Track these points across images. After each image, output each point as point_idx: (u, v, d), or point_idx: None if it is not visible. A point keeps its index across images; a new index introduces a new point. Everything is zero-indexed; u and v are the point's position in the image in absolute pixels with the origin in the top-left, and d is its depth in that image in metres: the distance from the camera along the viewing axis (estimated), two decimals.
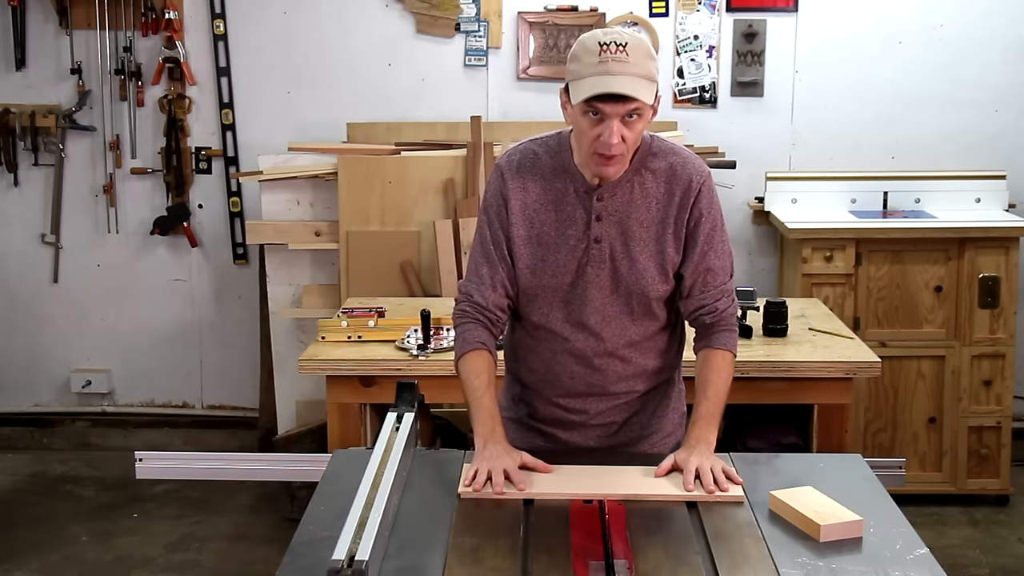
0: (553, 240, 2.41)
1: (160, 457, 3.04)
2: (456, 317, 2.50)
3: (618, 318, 2.42)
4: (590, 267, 2.39)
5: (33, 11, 4.87)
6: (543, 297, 2.44)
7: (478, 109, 4.72)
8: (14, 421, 5.18)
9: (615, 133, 2.22)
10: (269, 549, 4.11)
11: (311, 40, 4.84)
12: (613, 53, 2.19)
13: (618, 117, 2.22)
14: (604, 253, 2.39)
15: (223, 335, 5.09)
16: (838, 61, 4.77)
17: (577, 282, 2.41)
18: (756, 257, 4.90)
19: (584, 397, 2.48)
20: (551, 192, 2.41)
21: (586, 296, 2.41)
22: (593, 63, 2.21)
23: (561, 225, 2.40)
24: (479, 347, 2.43)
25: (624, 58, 2.19)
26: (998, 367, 4.39)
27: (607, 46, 2.20)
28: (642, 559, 1.95)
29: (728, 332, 2.46)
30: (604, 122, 2.23)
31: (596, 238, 2.38)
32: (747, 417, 3.45)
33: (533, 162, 2.42)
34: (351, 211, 4.48)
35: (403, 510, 2.14)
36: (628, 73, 2.19)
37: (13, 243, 5.06)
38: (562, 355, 2.46)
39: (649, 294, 2.40)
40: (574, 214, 2.39)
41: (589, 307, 2.41)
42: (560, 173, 2.40)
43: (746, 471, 2.32)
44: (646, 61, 2.23)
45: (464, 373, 2.43)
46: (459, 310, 2.49)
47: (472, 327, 2.46)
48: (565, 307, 2.43)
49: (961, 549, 4.14)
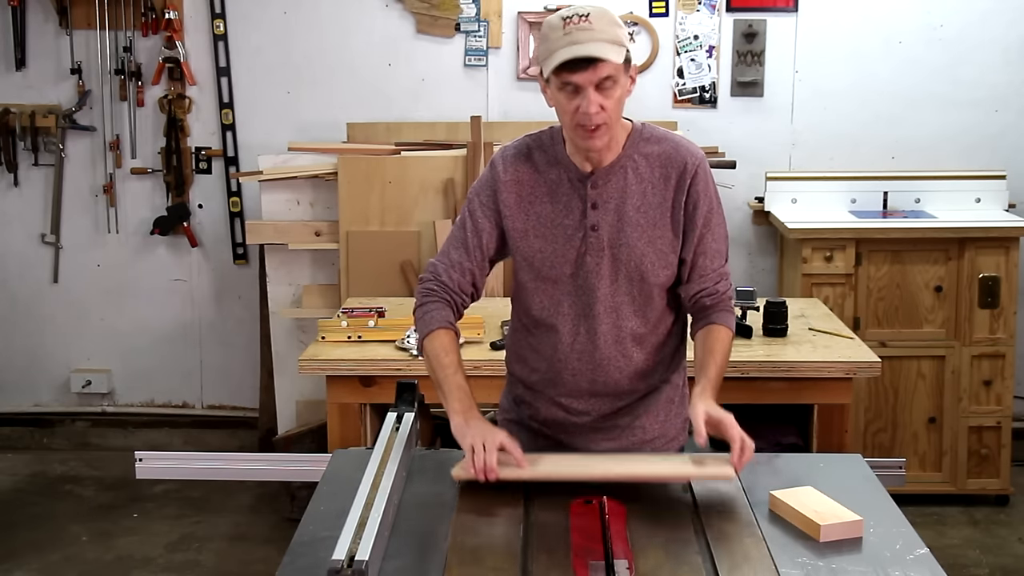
0: (550, 231, 2.41)
1: (160, 457, 3.05)
2: (421, 295, 2.47)
3: (621, 308, 2.42)
4: (589, 256, 2.39)
5: (33, 11, 4.87)
6: (544, 290, 2.44)
7: (478, 109, 4.72)
8: (14, 421, 5.18)
9: (592, 101, 2.23)
10: (269, 549, 4.11)
11: (311, 40, 4.84)
12: (577, 24, 2.23)
13: (592, 85, 2.23)
14: (602, 241, 2.38)
15: (223, 335, 5.09)
16: (838, 61, 4.77)
17: (578, 272, 2.40)
18: (756, 257, 4.90)
19: (587, 396, 2.47)
20: (545, 184, 2.41)
21: (588, 286, 2.40)
22: (559, 36, 2.24)
23: (557, 215, 2.40)
24: (447, 326, 2.43)
25: (588, 26, 2.22)
26: (998, 367, 4.39)
27: (569, 19, 2.24)
28: (642, 559, 1.95)
29: (728, 312, 2.48)
30: (580, 93, 2.24)
31: (593, 226, 2.38)
32: (747, 417, 3.43)
33: (527, 155, 2.43)
34: (351, 211, 4.48)
35: (403, 510, 2.14)
36: (593, 39, 2.21)
37: (13, 243, 5.06)
38: (564, 351, 2.45)
39: (649, 280, 2.40)
40: (569, 203, 2.40)
41: (592, 297, 2.41)
42: (554, 164, 2.41)
43: (746, 471, 2.31)
44: (612, 27, 2.25)
45: (432, 350, 2.40)
46: (425, 288, 2.47)
47: (438, 306, 2.44)
48: (567, 299, 2.43)
49: (961, 549, 4.14)
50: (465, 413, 2.30)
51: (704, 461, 2.25)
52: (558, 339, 2.45)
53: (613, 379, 2.46)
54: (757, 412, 3.41)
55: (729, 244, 2.50)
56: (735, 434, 2.21)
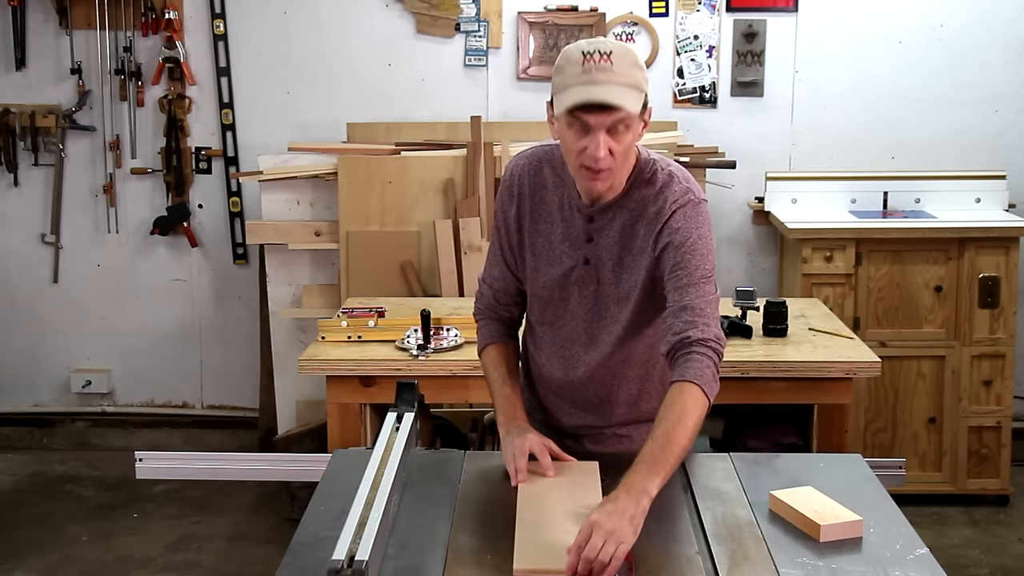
0: (546, 251, 2.40)
1: (160, 457, 3.04)
2: (475, 316, 2.59)
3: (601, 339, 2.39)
4: (577, 287, 2.38)
5: (33, 11, 4.87)
6: (538, 306, 2.45)
7: (478, 109, 4.72)
8: (14, 421, 5.18)
9: (601, 145, 2.15)
10: (269, 549, 4.11)
11: (311, 40, 4.84)
12: (597, 62, 2.12)
13: (603, 128, 2.14)
14: (592, 275, 2.36)
15: (223, 335, 5.09)
16: (838, 61, 4.77)
17: (566, 298, 2.39)
18: (756, 257, 4.90)
19: (593, 410, 2.47)
20: (549, 204, 2.39)
21: (571, 314, 2.40)
22: (576, 73, 2.13)
23: (555, 238, 2.39)
24: (494, 341, 2.51)
25: (608, 67, 2.12)
26: (998, 367, 4.39)
27: (591, 55, 2.13)
28: (642, 559, 1.95)
29: (694, 362, 2.16)
30: (590, 134, 2.15)
31: (586, 259, 2.36)
32: (747, 417, 3.45)
33: (538, 169, 2.40)
34: (351, 211, 4.48)
35: (403, 510, 2.14)
36: (612, 82, 2.12)
37: (13, 243, 5.06)
38: (561, 372, 2.45)
39: (633, 320, 2.35)
40: (568, 230, 2.37)
41: (578, 324, 2.39)
42: (560, 185, 2.38)
43: (746, 471, 2.32)
44: (632, 70, 2.15)
45: (485, 367, 2.51)
46: (476, 308, 2.58)
47: (488, 323, 2.54)
48: (557, 320, 2.42)
49: (961, 549, 4.14)
50: (507, 424, 2.36)
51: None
52: (555, 360, 2.46)
53: (603, 403, 2.45)
54: (757, 412, 3.42)
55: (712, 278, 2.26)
56: (585, 528, 1.90)
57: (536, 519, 2.07)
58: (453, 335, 3.36)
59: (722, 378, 2.24)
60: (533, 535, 2.01)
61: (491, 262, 2.51)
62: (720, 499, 2.21)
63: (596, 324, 2.39)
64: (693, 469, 2.33)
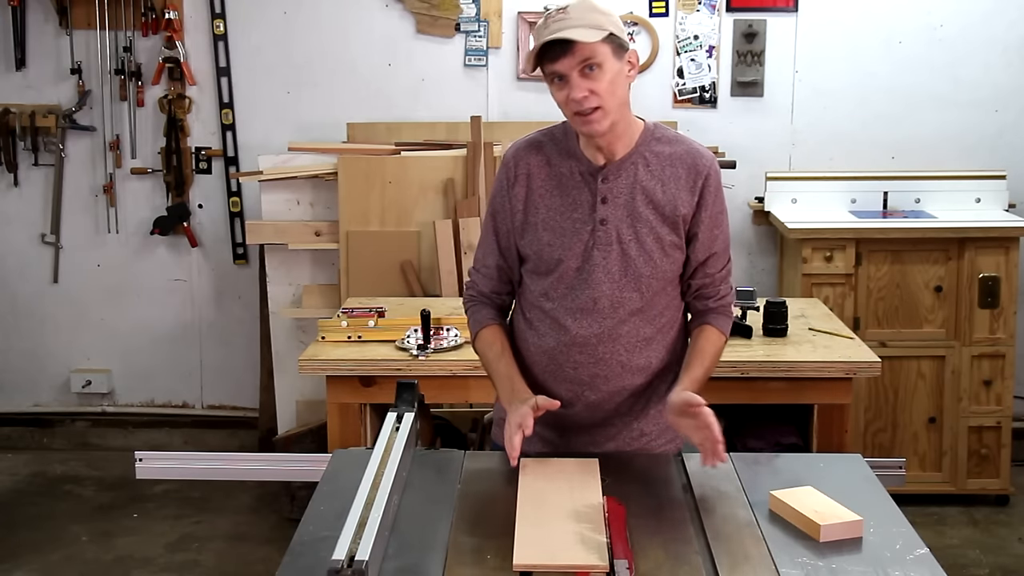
0: (559, 224, 2.42)
1: (160, 457, 3.05)
2: (465, 302, 2.62)
3: (625, 304, 2.41)
4: (597, 250, 2.40)
5: (33, 11, 4.87)
6: (550, 283, 2.44)
7: (478, 109, 4.72)
8: (14, 421, 5.18)
9: (577, 87, 2.25)
10: (269, 549, 4.11)
11: (311, 40, 4.84)
12: (554, 16, 2.27)
13: (574, 70, 2.25)
14: (611, 235, 2.39)
15: (223, 335, 5.09)
16: (838, 61, 4.77)
17: (584, 266, 2.40)
18: (756, 257, 4.90)
19: (587, 391, 2.46)
20: (556, 176, 2.43)
21: (593, 280, 2.40)
22: (539, 31, 2.28)
23: (566, 208, 2.41)
24: (488, 323, 2.54)
25: (564, 16, 2.26)
26: (998, 367, 4.39)
27: (550, 14, 2.28)
28: (642, 559, 1.95)
29: (725, 317, 2.51)
30: (566, 81, 2.27)
31: (602, 220, 2.39)
32: (747, 417, 3.45)
33: (538, 148, 2.46)
34: (351, 211, 4.48)
35: (403, 510, 2.14)
36: (568, 26, 2.24)
37: (13, 243, 5.06)
38: (565, 345, 2.44)
39: (657, 276, 2.41)
40: (579, 197, 2.41)
41: (597, 291, 2.40)
42: (566, 157, 2.43)
43: (746, 471, 2.32)
44: (588, 13, 2.27)
45: (479, 349, 2.55)
46: (467, 295, 2.61)
47: (479, 308, 2.58)
48: (572, 293, 2.42)
49: (961, 549, 4.14)
50: (507, 400, 2.44)
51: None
52: (560, 333, 2.44)
53: (615, 374, 2.45)
54: (757, 412, 3.42)
55: (730, 244, 2.52)
56: (712, 421, 2.21)
57: (536, 516, 2.08)
58: (453, 335, 3.36)
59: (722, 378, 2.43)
60: (533, 531, 2.01)
61: (484, 251, 2.55)
62: (720, 499, 2.21)
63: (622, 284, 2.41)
64: (693, 469, 2.33)
